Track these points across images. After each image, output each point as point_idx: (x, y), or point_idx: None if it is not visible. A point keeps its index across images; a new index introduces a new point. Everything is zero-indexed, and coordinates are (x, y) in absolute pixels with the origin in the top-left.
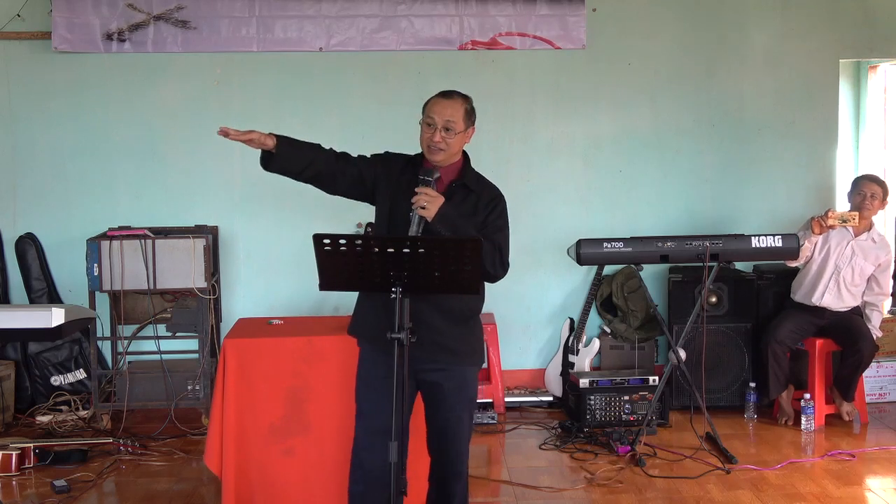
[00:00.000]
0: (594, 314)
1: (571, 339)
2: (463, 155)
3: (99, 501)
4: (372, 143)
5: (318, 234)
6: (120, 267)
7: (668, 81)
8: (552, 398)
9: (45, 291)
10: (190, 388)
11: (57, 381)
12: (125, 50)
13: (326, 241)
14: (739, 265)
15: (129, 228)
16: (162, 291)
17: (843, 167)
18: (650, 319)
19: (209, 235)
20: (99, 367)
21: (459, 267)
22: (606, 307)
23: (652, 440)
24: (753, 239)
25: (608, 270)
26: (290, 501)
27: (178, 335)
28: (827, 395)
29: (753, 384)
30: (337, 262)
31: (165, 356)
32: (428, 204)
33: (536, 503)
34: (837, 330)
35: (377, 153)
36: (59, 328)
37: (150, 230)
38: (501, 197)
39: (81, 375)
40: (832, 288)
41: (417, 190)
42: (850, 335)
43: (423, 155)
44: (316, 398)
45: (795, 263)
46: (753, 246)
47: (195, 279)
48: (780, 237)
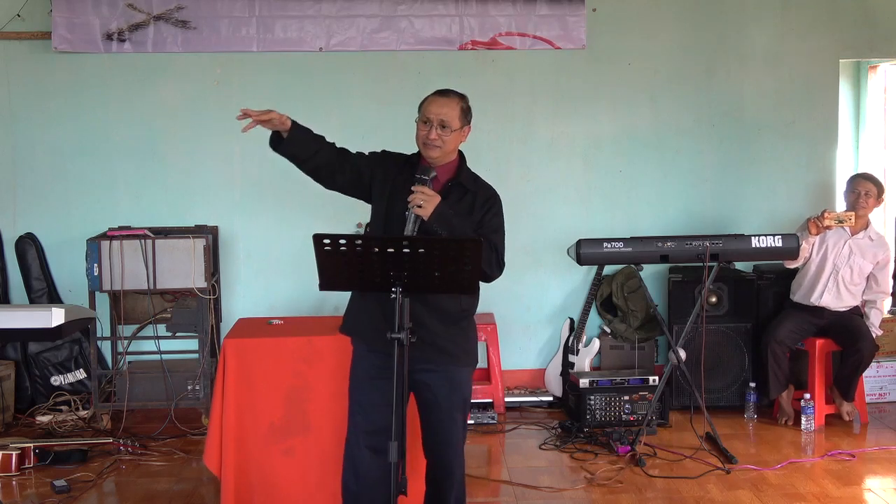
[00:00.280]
0: (594, 314)
1: (571, 339)
2: (459, 154)
3: (99, 501)
4: (372, 143)
5: (317, 234)
6: (120, 267)
7: (668, 81)
8: (552, 398)
9: (45, 291)
10: (190, 388)
11: (57, 381)
12: (125, 50)
13: (326, 241)
14: (739, 265)
15: (129, 228)
16: (162, 291)
17: (843, 167)
18: (650, 319)
19: (209, 235)
20: (99, 367)
21: (459, 267)
22: (606, 307)
23: (652, 440)
24: (753, 239)
25: (608, 270)
26: (289, 501)
27: (178, 335)
28: (827, 395)
29: (753, 384)
30: (337, 262)
31: (165, 356)
32: (424, 203)
33: (536, 503)
34: (837, 330)
35: (374, 151)
36: (59, 328)
37: (150, 230)
38: (497, 196)
39: (81, 375)
40: (831, 287)
41: (414, 189)
42: (850, 335)
43: (419, 154)
44: (316, 398)
45: (794, 264)
46: (753, 246)
47: (195, 279)
48: (780, 237)
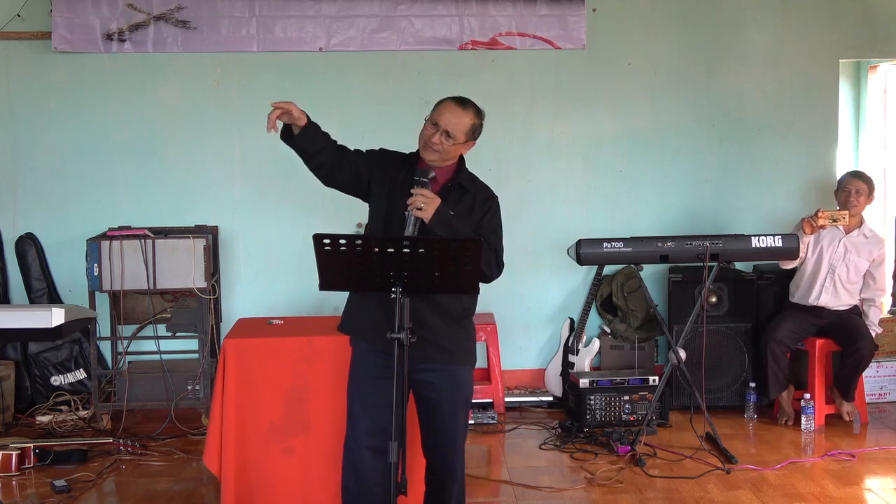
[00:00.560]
0: (594, 314)
1: (571, 339)
2: (459, 157)
3: (99, 501)
4: (372, 143)
5: (318, 234)
6: (120, 267)
7: (668, 81)
8: (552, 398)
9: (45, 291)
10: (190, 388)
11: (57, 381)
12: (125, 50)
13: (326, 241)
14: (739, 265)
15: (129, 228)
16: (162, 291)
17: (843, 167)
18: (650, 319)
19: (209, 235)
20: (99, 367)
21: (459, 267)
22: (606, 307)
23: (652, 440)
24: (753, 239)
25: (608, 270)
26: (289, 501)
27: (178, 335)
28: (827, 395)
29: (753, 384)
30: (337, 262)
31: (165, 356)
32: (425, 205)
33: (536, 503)
34: (837, 330)
35: (372, 150)
36: (59, 328)
37: (150, 230)
38: (495, 198)
39: (81, 375)
40: (828, 287)
41: (413, 191)
42: (849, 335)
43: (417, 154)
44: (316, 398)
45: (789, 265)
46: (753, 246)
47: (195, 279)
48: (780, 237)
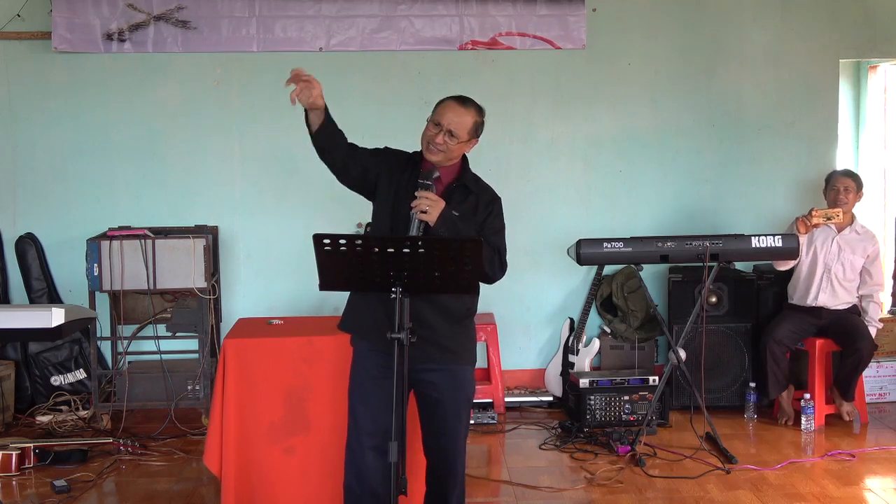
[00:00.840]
0: (594, 314)
1: (571, 339)
2: (462, 156)
3: (99, 501)
4: (372, 143)
5: (318, 234)
6: (120, 267)
7: (668, 81)
8: (552, 398)
9: (45, 291)
10: (190, 388)
11: (57, 381)
12: (125, 50)
13: (326, 241)
14: (739, 265)
15: (129, 228)
16: (162, 291)
17: (842, 167)
18: (650, 319)
19: (209, 235)
20: (99, 367)
21: (459, 267)
22: (606, 307)
23: (652, 440)
24: (753, 239)
25: (608, 270)
26: (290, 500)
27: (178, 335)
28: (827, 395)
29: (753, 384)
30: (337, 262)
31: (165, 356)
32: (430, 208)
33: (536, 503)
34: (836, 330)
35: (378, 148)
36: (59, 328)
37: (150, 230)
38: (499, 199)
39: (81, 375)
40: (825, 287)
41: (418, 194)
42: (849, 335)
43: (421, 154)
44: (316, 398)
45: (784, 267)
46: (753, 246)
47: (195, 279)
48: (780, 237)
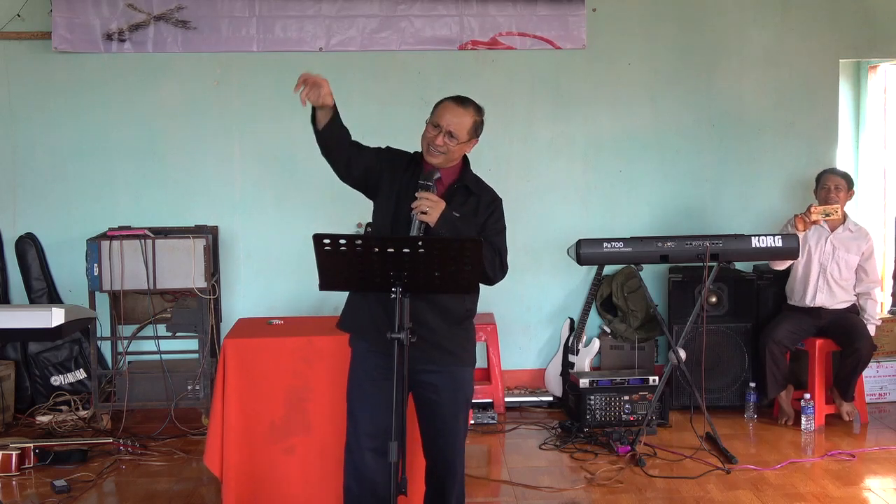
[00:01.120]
0: (594, 314)
1: (571, 339)
2: (463, 157)
3: (99, 501)
4: (372, 143)
5: (318, 234)
6: (120, 267)
7: (668, 81)
8: (552, 398)
9: (45, 291)
10: (190, 388)
11: (57, 381)
12: (125, 50)
13: (326, 241)
14: (739, 265)
15: (129, 228)
16: (162, 291)
17: (843, 167)
18: (650, 319)
19: (209, 235)
20: (99, 367)
21: (459, 267)
22: (606, 307)
23: (652, 440)
24: (753, 239)
25: (608, 270)
26: (291, 500)
27: (178, 335)
28: (827, 395)
29: (753, 384)
30: (337, 262)
31: (165, 356)
32: (430, 210)
33: (536, 503)
34: (836, 330)
35: (380, 147)
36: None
37: (150, 230)
38: (500, 200)
39: (81, 375)
40: (822, 287)
41: (418, 195)
42: (848, 335)
43: (422, 154)
44: (316, 398)
45: (780, 267)
46: (753, 246)
47: (195, 279)
48: (780, 237)
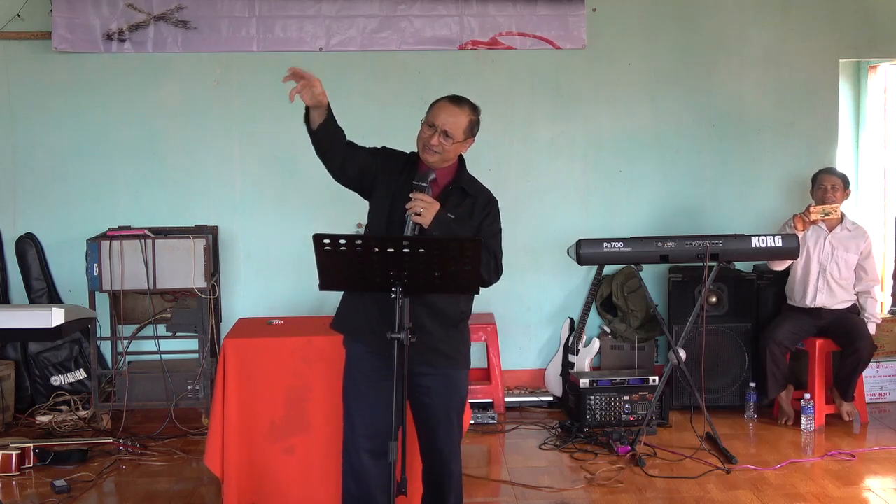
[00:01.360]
0: (594, 314)
1: (571, 339)
2: (459, 157)
3: (99, 501)
4: (372, 143)
5: (318, 234)
6: (120, 267)
7: (667, 81)
8: (552, 398)
9: (45, 291)
10: (190, 388)
11: (57, 381)
12: (125, 50)
13: (326, 241)
14: (739, 265)
15: (129, 228)
16: (162, 291)
17: (843, 167)
18: (650, 319)
19: (209, 235)
20: (99, 367)
21: (459, 267)
22: (606, 307)
23: (652, 440)
24: (753, 239)
25: (608, 270)
26: (291, 500)
27: (178, 335)
28: (827, 395)
29: (753, 384)
30: (337, 262)
31: (165, 356)
32: (424, 211)
33: (536, 503)
34: (836, 330)
35: (375, 147)
36: (59, 328)
37: (150, 230)
38: (496, 201)
39: (81, 375)
40: (822, 287)
41: (412, 196)
42: (848, 335)
43: (418, 155)
44: (316, 397)
45: (779, 267)
46: (753, 246)
47: (195, 279)
48: (780, 237)
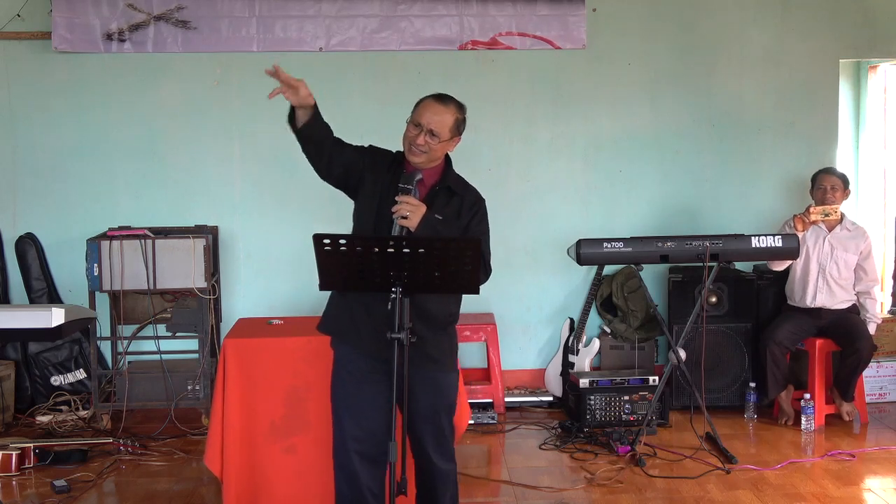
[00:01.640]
0: (594, 314)
1: (571, 339)
2: (445, 156)
3: (99, 501)
4: (372, 142)
5: (318, 234)
6: (120, 267)
7: (667, 81)
8: (552, 398)
9: (45, 291)
10: (190, 388)
11: (57, 381)
12: (125, 50)
13: (326, 241)
14: (739, 265)
15: (129, 228)
16: (162, 291)
17: (843, 167)
18: (650, 319)
19: (209, 235)
20: (99, 367)
21: (459, 267)
22: (606, 307)
23: (652, 440)
24: (753, 239)
25: (608, 270)
26: (291, 499)
27: (178, 335)
28: (827, 395)
29: (753, 384)
30: (337, 262)
31: (165, 356)
32: (410, 214)
33: (536, 503)
34: (836, 330)
35: (362, 146)
36: (59, 328)
37: (150, 230)
38: (483, 201)
39: (81, 375)
40: (822, 287)
41: (398, 199)
42: (848, 335)
43: (404, 154)
44: (316, 397)
45: (779, 267)
46: (753, 246)
47: (195, 279)
48: (780, 237)
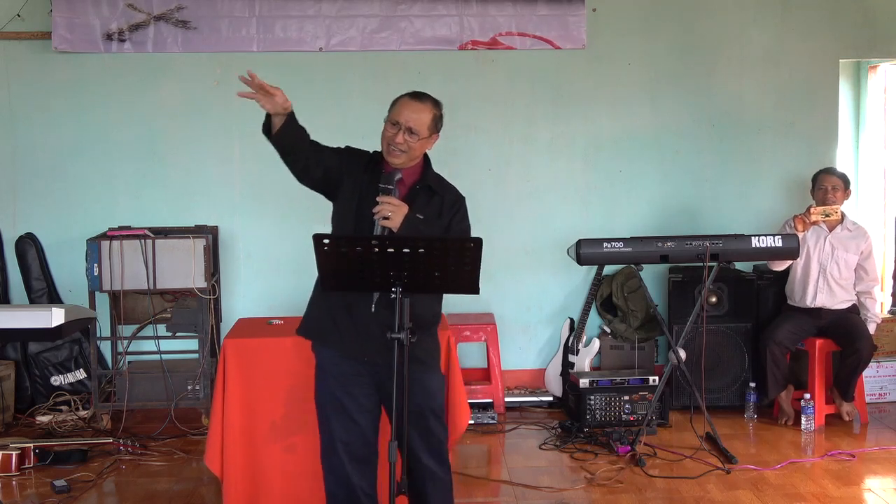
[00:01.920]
0: (594, 314)
1: (571, 339)
2: (423, 156)
3: (99, 501)
4: (372, 143)
5: (318, 234)
6: (120, 267)
7: (667, 81)
8: (552, 398)
9: (45, 291)
10: (190, 388)
11: (57, 381)
12: (125, 50)
13: (326, 241)
14: (739, 265)
15: (129, 228)
16: (162, 291)
17: (843, 167)
18: (650, 319)
19: (209, 235)
20: (99, 367)
21: (459, 267)
22: (606, 307)
23: (652, 440)
24: (753, 239)
25: (608, 270)
26: (292, 499)
27: (178, 335)
28: (827, 395)
29: (753, 384)
30: (337, 262)
31: (165, 356)
32: (392, 214)
33: (536, 503)
34: (836, 330)
35: (339, 147)
36: (59, 328)
37: (150, 230)
38: (463, 199)
39: (81, 375)
40: (822, 287)
41: (380, 199)
42: (848, 335)
43: (381, 154)
44: None
45: (779, 268)
46: (753, 246)
47: (195, 279)
48: (780, 237)
